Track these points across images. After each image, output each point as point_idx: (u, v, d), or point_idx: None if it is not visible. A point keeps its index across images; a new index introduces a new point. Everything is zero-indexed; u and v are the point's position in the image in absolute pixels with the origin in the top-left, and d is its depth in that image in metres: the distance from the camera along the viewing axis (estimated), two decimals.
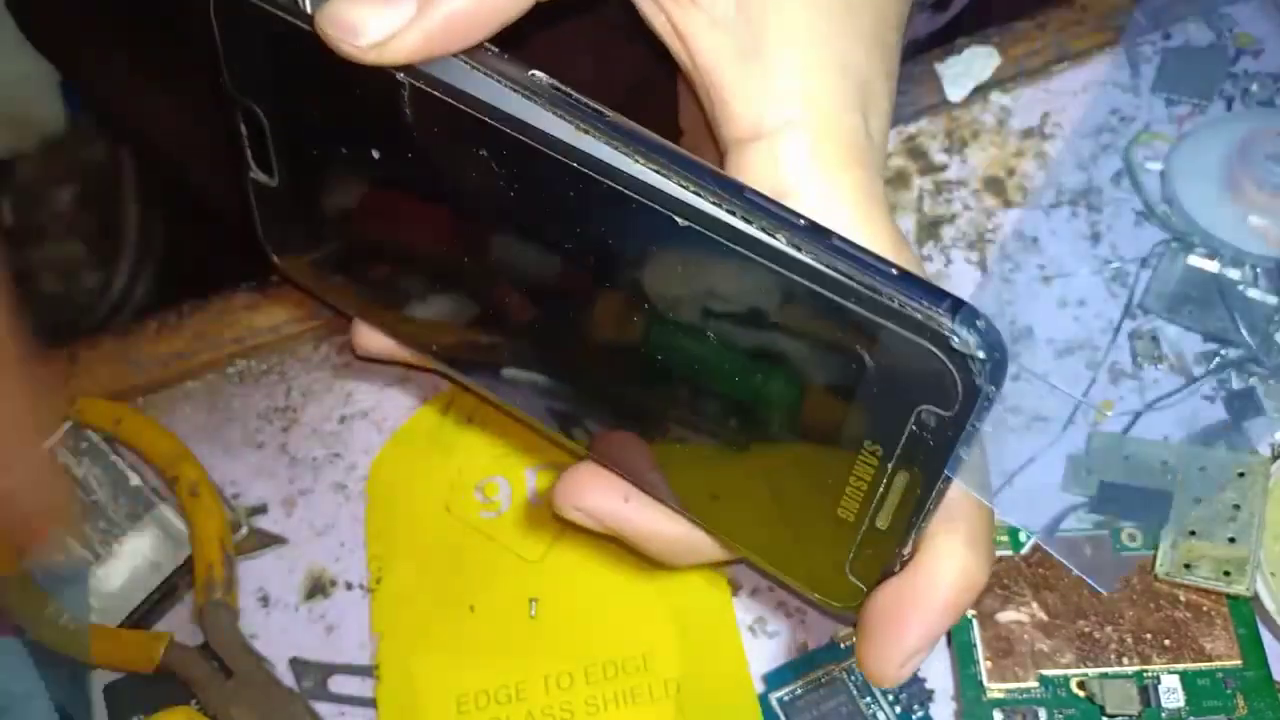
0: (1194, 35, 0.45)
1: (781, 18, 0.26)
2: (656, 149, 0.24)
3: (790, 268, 0.22)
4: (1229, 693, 0.33)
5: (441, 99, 0.25)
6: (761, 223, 0.23)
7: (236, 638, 0.39)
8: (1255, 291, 0.40)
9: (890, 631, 0.27)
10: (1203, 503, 0.35)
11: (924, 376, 0.22)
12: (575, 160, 0.24)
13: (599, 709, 0.37)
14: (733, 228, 0.23)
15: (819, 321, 0.23)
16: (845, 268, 0.22)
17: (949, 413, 0.23)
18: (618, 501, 0.30)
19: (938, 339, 0.21)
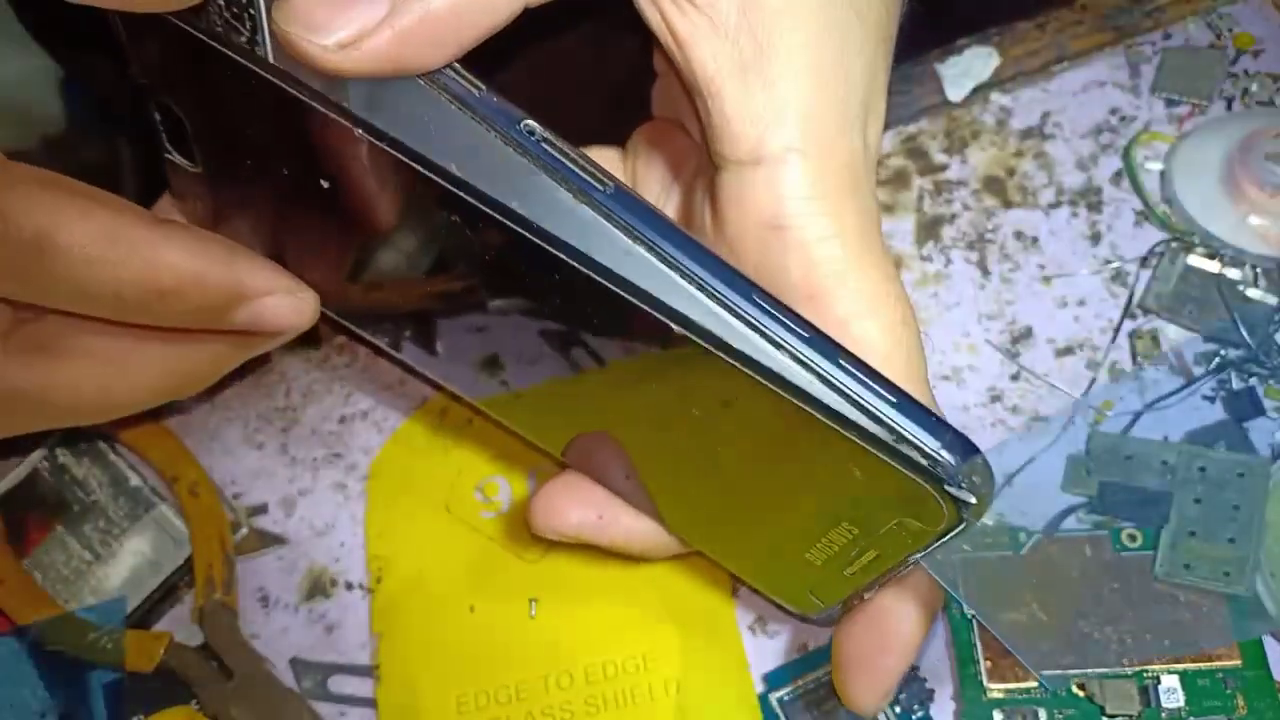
0: (1194, 35, 0.45)
1: (786, 26, 0.24)
2: (660, 231, 0.21)
3: (789, 390, 0.21)
4: (1229, 693, 0.33)
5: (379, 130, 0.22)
6: (770, 335, 0.21)
7: (236, 638, 0.39)
8: (1255, 291, 0.40)
9: (869, 669, 0.29)
10: (1203, 503, 0.35)
11: (912, 500, 0.22)
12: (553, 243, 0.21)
13: (599, 709, 0.37)
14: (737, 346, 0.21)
15: (812, 436, 0.22)
16: (851, 394, 0.21)
17: (932, 529, 0.23)
18: (592, 520, 0.31)
19: (933, 479, 0.21)
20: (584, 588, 0.38)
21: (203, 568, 0.40)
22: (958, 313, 0.42)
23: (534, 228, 0.21)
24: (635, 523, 0.32)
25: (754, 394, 0.21)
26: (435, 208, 0.22)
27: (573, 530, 0.32)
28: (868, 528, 0.25)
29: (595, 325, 0.23)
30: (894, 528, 0.24)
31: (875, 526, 0.24)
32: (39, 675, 0.38)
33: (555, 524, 0.32)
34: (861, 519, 0.25)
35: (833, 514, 0.25)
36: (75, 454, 0.42)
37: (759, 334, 0.21)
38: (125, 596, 0.40)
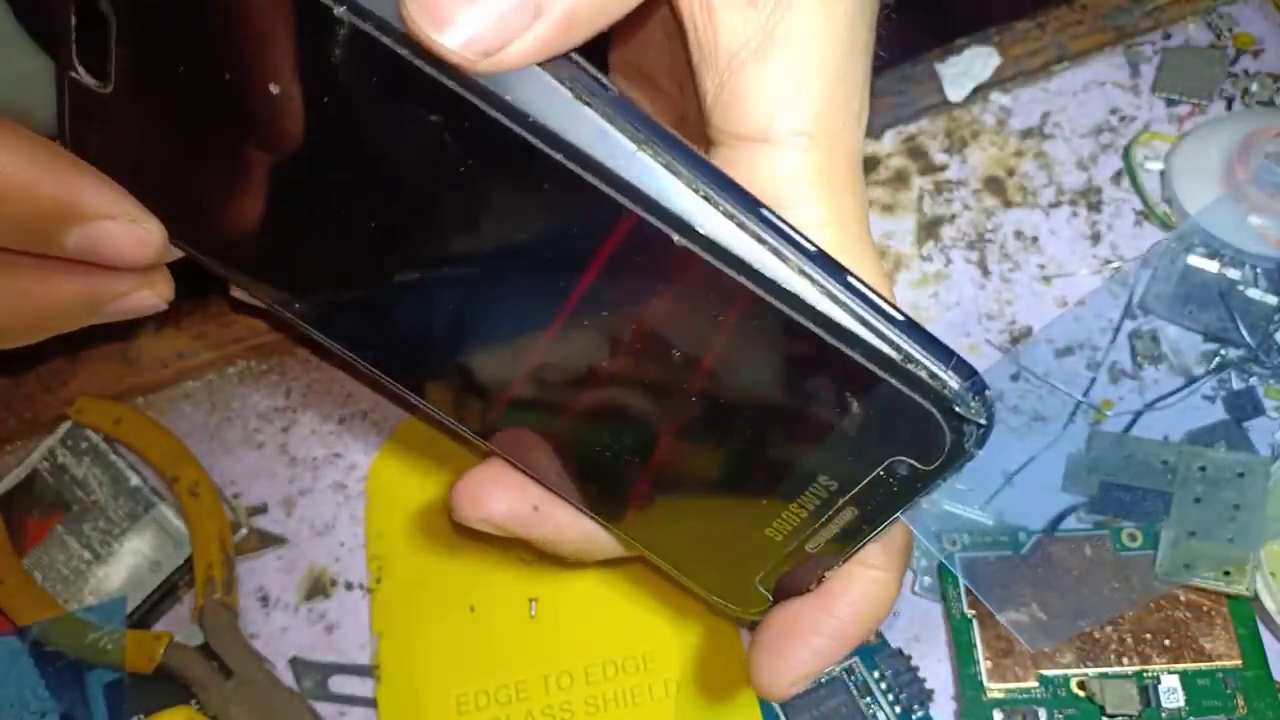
0: (1194, 35, 0.45)
1: (817, 15, 0.24)
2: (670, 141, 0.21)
3: (790, 301, 0.21)
4: (1229, 693, 0.33)
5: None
6: (773, 244, 0.21)
7: (236, 638, 0.39)
8: (1255, 291, 0.40)
9: (785, 649, 0.27)
10: (1203, 503, 0.35)
11: (911, 430, 0.22)
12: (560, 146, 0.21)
13: (599, 709, 0.37)
14: (734, 253, 0.21)
15: (810, 359, 0.22)
16: (855, 309, 0.21)
17: (927, 467, 0.22)
18: (526, 510, 0.28)
19: (940, 400, 0.21)
20: (584, 588, 0.38)
21: (203, 568, 0.40)
22: (958, 313, 0.42)
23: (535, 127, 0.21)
24: (571, 519, 0.29)
25: (751, 313, 0.21)
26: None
27: (501, 518, 0.28)
28: (850, 478, 0.24)
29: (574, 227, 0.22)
30: (881, 474, 0.23)
31: (859, 475, 0.23)
32: (39, 675, 0.38)
33: (484, 511, 0.28)
34: (843, 469, 0.24)
35: (810, 468, 0.24)
36: (75, 454, 0.42)
37: (765, 246, 0.21)
38: (125, 596, 0.40)
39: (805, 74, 0.24)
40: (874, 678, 0.36)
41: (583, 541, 0.29)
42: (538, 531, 0.29)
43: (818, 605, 0.27)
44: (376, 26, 0.20)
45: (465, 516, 0.28)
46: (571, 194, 0.21)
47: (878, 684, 0.36)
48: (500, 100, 0.20)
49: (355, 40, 0.20)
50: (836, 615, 0.27)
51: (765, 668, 0.27)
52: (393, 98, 0.21)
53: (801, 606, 0.27)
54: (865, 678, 0.36)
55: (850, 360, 0.21)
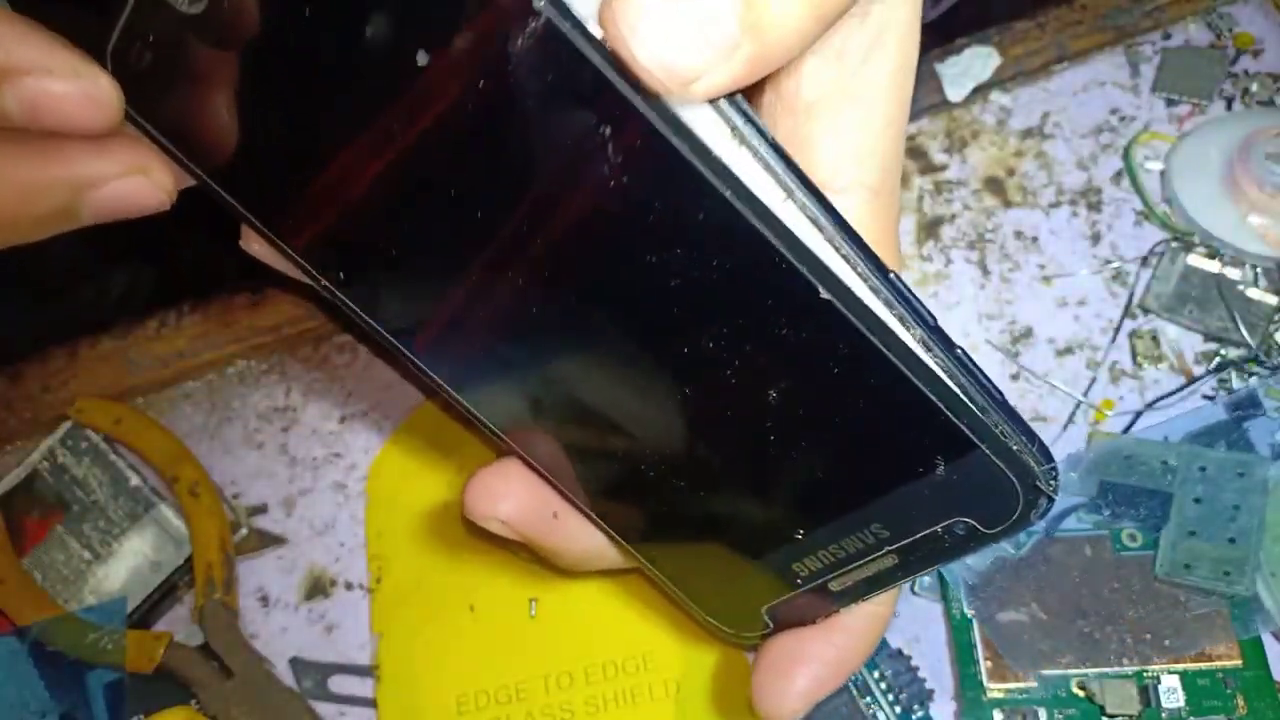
0: (1194, 35, 0.45)
1: (889, 69, 0.24)
2: (817, 196, 0.21)
3: (910, 364, 0.21)
4: (1229, 693, 0.33)
5: None
6: (900, 311, 0.21)
7: (236, 638, 0.39)
8: (1255, 291, 0.40)
9: (788, 676, 0.28)
10: (1203, 503, 0.35)
11: (986, 497, 0.23)
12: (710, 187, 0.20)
13: (599, 709, 0.37)
14: (873, 313, 0.21)
15: (911, 418, 0.22)
16: (964, 381, 0.22)
17: (988, 530, 0.23)
18: (545, 516, 0.28)
19: (1024, 474, 0.22)
20: (584, 588, 0.38)
21: (203, 568, 0.40)
22: (958, 313, 0.42)
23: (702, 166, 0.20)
24: (583, 530, 0.29)
25: (866, 368, 0.22)
26: None
27: (518, 521, 0.28)
28: (905, 530, 0.24)
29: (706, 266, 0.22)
30: (939, 531, 0.24)
31: (915, 529, 0.24)
32: (39, 675, 0.38)
33: (500, 512, 0.28)
34: (903, 521, 0.24)
35: (869, 516, 0.25)
36: (75, 454, 0.42)
37: (893, 312, 0.21)
38: (125, 596, 0.40)
39: (876, 128, 0.25)
40: (874, 678, 0.36)
41: (587, 554, 0.30)
42: (549, 539, 0.29)
43: (819, 634, 0.28)
44: (574, 26, 0.19)
45: (480, 515, 0.28)
46: (713, 228, 0.21)
47: (878, 684, 0.36)
48: (677, 124, 0.20)
49: (543, 35, 0.19)
50: (836, 644, 0.28)
51: (770, 694, 0.28)
52: (562, 99, 0.20)
53: (803, 635, 0.28)
54: (865, 678, 0.36)
55: (951, 426, 0.22)
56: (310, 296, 0.45)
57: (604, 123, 0.20)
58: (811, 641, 0.28)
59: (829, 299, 0.21)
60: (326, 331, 0.45)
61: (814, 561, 0.26)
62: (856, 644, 0.29)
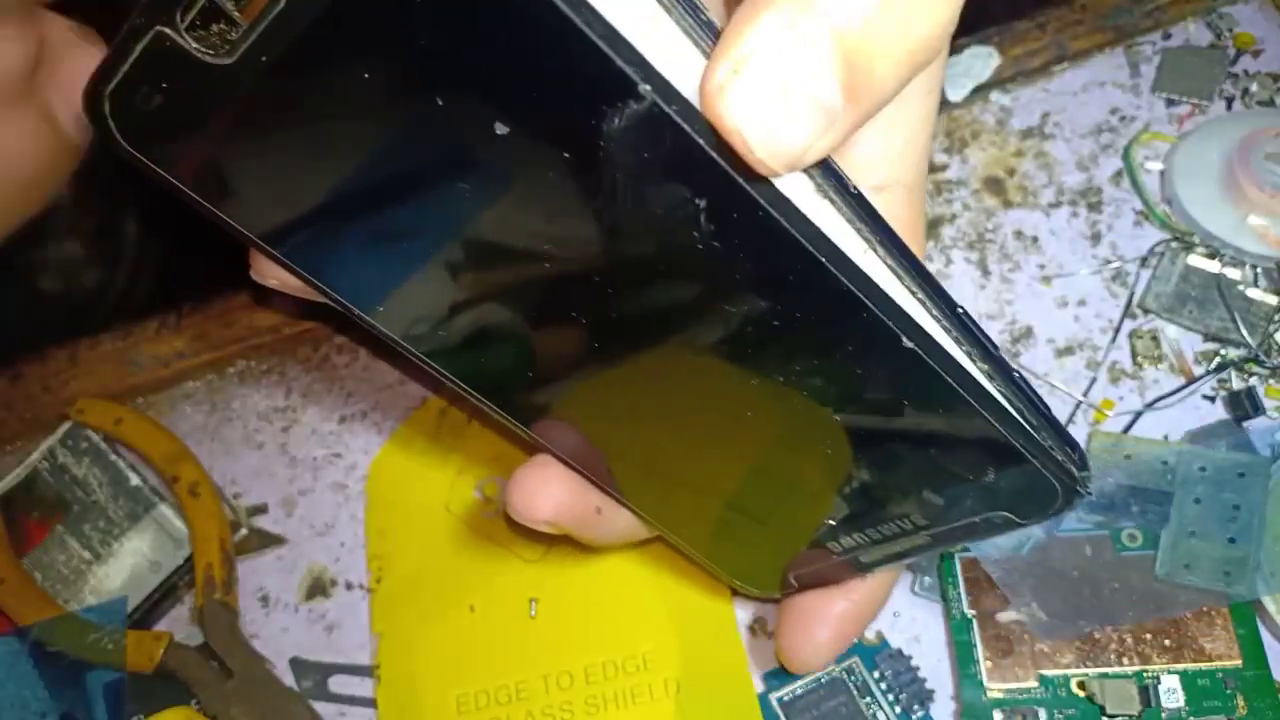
0: (1194, 35, 0.45)
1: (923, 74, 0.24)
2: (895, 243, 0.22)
3: (976, 395, 0.23)
4: (1229, 693, 0.33)
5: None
6: (968, 348, 0.23)
7: (236, 638, 0.39)
8: (1255, 291, 0.40)
9: (809, 631, 0.31)
10: (1203, 503, 0.35)
11: (1029, 496, 0.24)
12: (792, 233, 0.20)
13: (599, 709, 0.37)
14: (949, 355, 0.22)
15: (971, 437, 0.24)
16: (1020, 405, 0.23)
17: (1023, 521, 0.25)
18: (589, 513, 0.29)
19: (1065, 478, 0.24)
20: (584, 588, 0.38)
21: (203, 568, 0.40)
22: None
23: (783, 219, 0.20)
24: (620, 516, 0.30)
25: (934, 397, 0.23)
26: None
27: (564, 517, 0.28)
28: (944, 520, 0.26)
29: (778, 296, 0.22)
30: (977, 522, 0.26)
31: (954, 519, 0.26)
32: (39, 675, 0.38)
33: (548, 513, 0.28)
34: (944, 514, 0.26)
35: (912, 509, 0.26)
36: (75, 454, 0.42)
37: (963, 349, 0.23)
38: (125, 597, 0.40)
39: (913, 129, 0.25)
40: (874, 678, 0.36)
41: (623, 536, 0.31)
42: (590, 532, 0.30)
43: (840, 593, 0.31)
44: (679, 110, 0.18)
45: (527, 519, 0.29)
46: (794, 276, 0.21)
47: (878, 684, 0.36)
48: (772, 193, 0.20)
49: (645, 116, 0.18)
50: (855, 601, 0.31)
51: (796, 647, 0.31)
52: (654, 171, 0.19)
53: (825, 593, 0.31)
54: (865, 678, 0.36)
55: (1008, 444, 0.23)
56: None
57: (698, 194, 0.20)
58: (833, 600, 0.31)
59: (912, 347, 0.22)
60: (326, 332, 0.45)
61: (849, 540, 0.28)
62: (874, 600, 0.31)
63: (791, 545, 0.29)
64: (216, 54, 0.18)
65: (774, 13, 0.18)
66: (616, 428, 0.27)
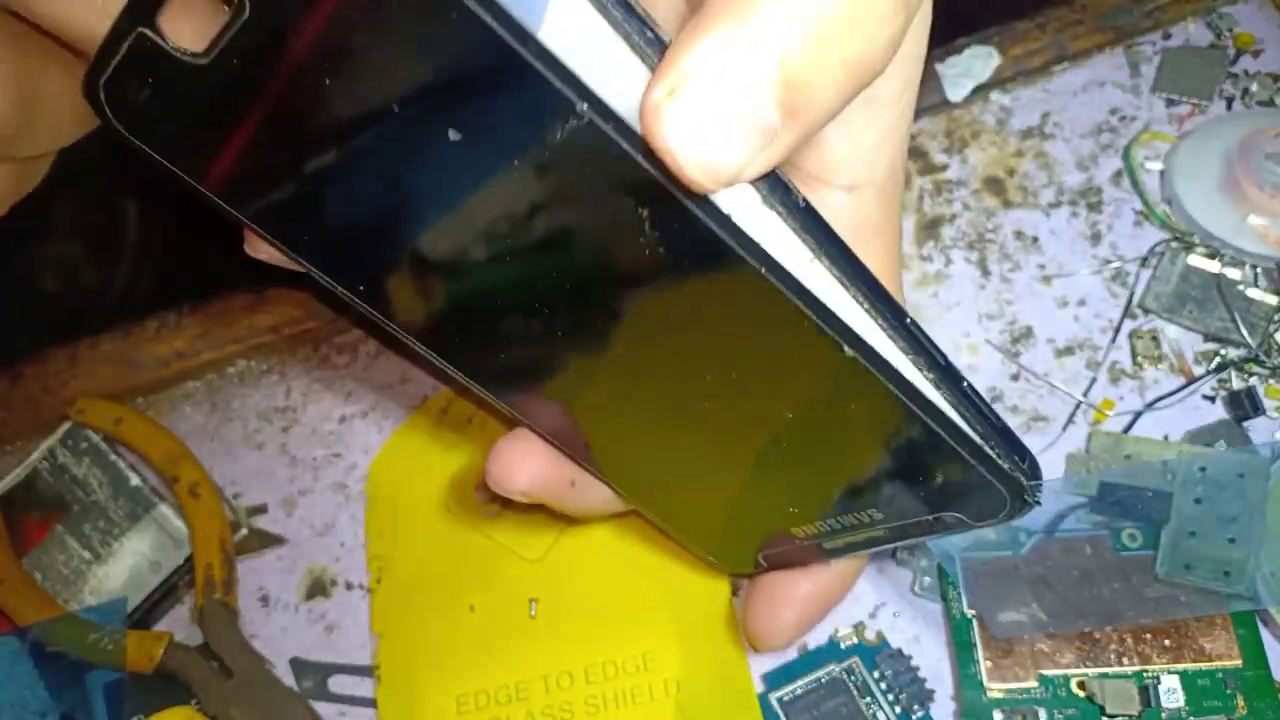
0: (1194, 35, 0.45)
1: (898, 76, 0.25)
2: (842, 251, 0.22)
3: (922, 405, 0.23)
4: (1229, 693, 0.33)
5: None
6: (914, 358, 0.23)
7: (236, 638, 0.39)
8: (1255, 291, 0.40)
9: (776, 611, 0.31)
10: (1203, 503, 0.35)
11: (978, 500, 0.25)
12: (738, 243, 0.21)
13: (599, 709, 0.37)
14: (893, 366, 0.23)
15: (918, 444, 0.24)
16: (967, 414, 0.24)
17: (975, 522, 0.26)
18: (564, 485, 0.30)
19: (1014, 487, 0.24)
20: (584, 587, 0.38)
21: (203, 568, 0.40)
22: (958, 313, 0.42)
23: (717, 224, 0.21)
24: (595, 488, 0.31)
25: (879, 406, 0.24)
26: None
27: (539, 488, 0.30)
28: (899, 515, 0.27)
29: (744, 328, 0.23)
30: (929, 519, 0.26)
31: (908, 515, 0.27)
32: (39, 675, 0.38)
33: (523, 483, 0.29)
34: (899, 510, 0.27)
35: (868, 503, 0.27)
36: (75, 454, 0.42)
37: (909, 359, 0.23)
38: (125, 597, 0.40)
39: (885, 127, 0.25)
40: (874, 678, 0.36)
41: (598, 508, 0.32)
42: (566, 502, 0.31)
43: (806, 574, 0.31)
44: (615, 128, 0.19)
45: (504, 488, 0.30)
46: (740, 289, 0.22)
47: (878, 684, 0.36)
48: (710, 207, 0.20)
49: (583, 130, 0.19)
50: (820, 584, 0.32)
51: (763, 627, 0.32)
52: (594, 183, 0.20)
53: (793, 574, 0.32)
54: (865, 678, 0.36)
55: (954, 452, 0.24)
56: (314, 291, 0.45)
57: (641, 205, 0.21)
58: (800, 581, 0.31)
59: (853, 356, 0.22)
60: (326, 332, 0.45)
61: (811, 529, 0.29)
62: (838, 584, 0.32)
63: (757, 527, 0.30)
64: (194, 55, 0.20)
65: (712, 34, 0.18)
66: (589, 408, 0.28)
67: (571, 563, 0.39)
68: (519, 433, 0.29)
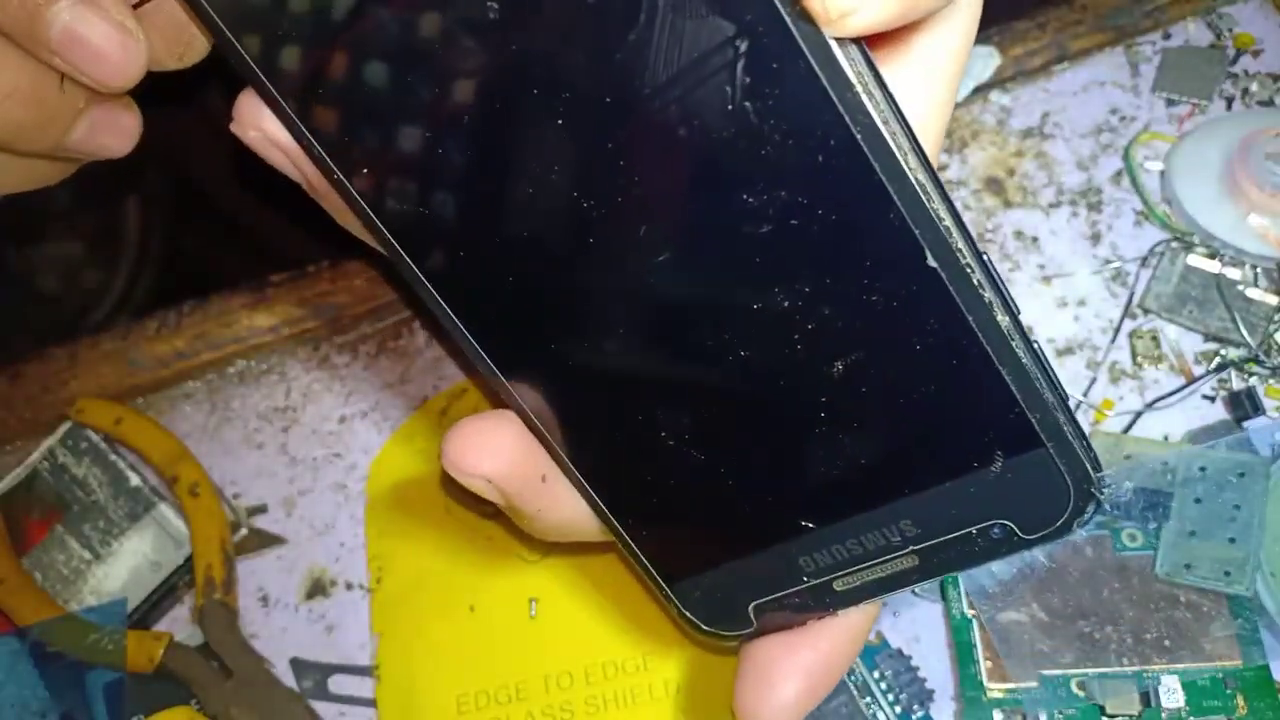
0: (1194, 35, 0.45)
1: (945, 40, 0.24)
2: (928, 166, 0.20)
3: (998, 350, 0.20)
4: (1229, 693, 0.33)
5: None
6: (993, 297, 0.20)
7: (236, 638, 0.39)
8: (1255, 291, 0.40)
9: (774, 683, 0.26)
10: (1203, 503, 0.35)
11: (1036, 500, 0.21)
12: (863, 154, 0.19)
13: (599, 709, 0.37)
14: (975, 289, 0.20)
15: (979, 407, 0.21)
16: (1040, 374, 0.20)
17: (1026, 536, 0.22)
18: (534, 481, 0.25)
19: (1081, 478, 0.21)
20: (584, 588, 0.38)
21: (203, 568, 0.40)
22: None
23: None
24: (567, 495, 0.26)
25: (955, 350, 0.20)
26: None
27: (506, 478, 0.25)
28: (936, 528, 0.23)
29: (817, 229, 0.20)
30: (973, 533, 0.22)
31: (948, 528, 0.23)
32: (39, 675, 0.38)
33: (488, 468, 0.24)
34: (937, 517, 0.22)
35: (902, 509, 0.23)
36: (75, 454, 0.42)
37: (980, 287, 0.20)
38: (125, 597, 0.40)
39: (938, 100, 0.24)
40: (874, 678, 0.36)
41: (564, 524, 0.27)
42: (531, 504, 0.26)
43: (807, 639, 0.26)
44: None
45: (464, 472, 0.25)
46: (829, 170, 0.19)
47: (878, 684, 0.36)
48: (824, 53, 0.19)
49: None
50: (824, 651, 0.26)
51: (756, 706, 0.26)
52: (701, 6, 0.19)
53: (790, 640, 0.26)
54: (865, 678, 0.36)
55: (1023, 419, 0.20)
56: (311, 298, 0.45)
57: (745, 36, 0.18)
58: (799, 648, 0.26)
59: (935, 267, 0.19)
60: (326, 332, 0.45)
61: (825, 556, 0.24)
62: (847, 648, 0.26)
63: (755, 559, 0.25)
64: None
65: None
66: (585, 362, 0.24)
67: (571, 563, 0.39)
68: (491, 413, 0.25)
